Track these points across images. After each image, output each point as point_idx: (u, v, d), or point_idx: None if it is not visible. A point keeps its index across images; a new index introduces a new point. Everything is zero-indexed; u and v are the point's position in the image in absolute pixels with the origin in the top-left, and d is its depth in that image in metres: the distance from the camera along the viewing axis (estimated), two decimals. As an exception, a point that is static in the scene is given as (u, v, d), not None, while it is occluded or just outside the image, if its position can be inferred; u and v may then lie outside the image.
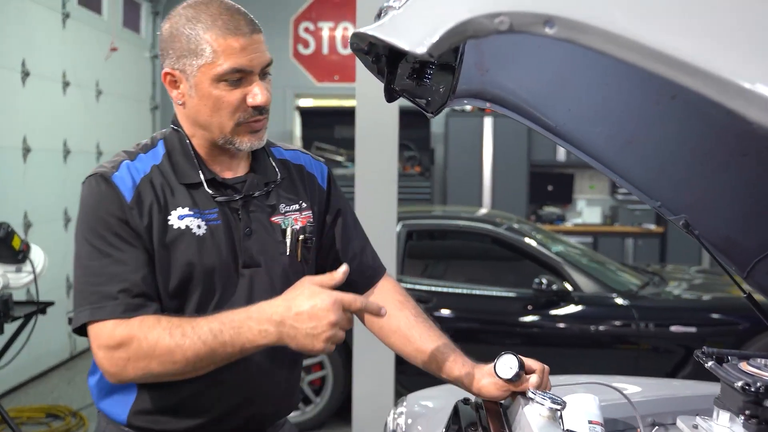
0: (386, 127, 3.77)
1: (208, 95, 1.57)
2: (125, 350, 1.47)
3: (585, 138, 1.99)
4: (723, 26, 0.92)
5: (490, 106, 1.89)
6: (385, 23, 1.17)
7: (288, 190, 1.74)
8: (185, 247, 1.57)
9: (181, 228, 1.57)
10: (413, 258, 5.18)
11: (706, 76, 0.88)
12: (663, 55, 0.90)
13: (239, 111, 1.58)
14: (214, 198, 1.62)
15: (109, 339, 1.48)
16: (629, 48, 0.92)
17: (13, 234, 3.59)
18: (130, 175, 1.58)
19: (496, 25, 0.97)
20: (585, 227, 8.19)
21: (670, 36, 0.91)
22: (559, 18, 0.94)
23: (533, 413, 1.51)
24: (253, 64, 1.56)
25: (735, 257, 2.14)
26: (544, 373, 1.66)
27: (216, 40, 1.54)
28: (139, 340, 1.46)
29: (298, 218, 1.72)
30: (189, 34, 1.56)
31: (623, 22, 0.94)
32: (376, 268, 1.90)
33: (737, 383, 1.38)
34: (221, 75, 1.54)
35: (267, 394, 1.69)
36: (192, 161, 1.64)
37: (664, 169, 2.02)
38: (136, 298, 1.51)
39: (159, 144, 1.67)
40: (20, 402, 5.12)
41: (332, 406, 4.72)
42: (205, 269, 1.58)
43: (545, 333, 4.56)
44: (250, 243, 1.64)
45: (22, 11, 5.55)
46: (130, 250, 1.53)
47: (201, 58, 1.55)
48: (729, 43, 0.90)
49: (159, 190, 1.58)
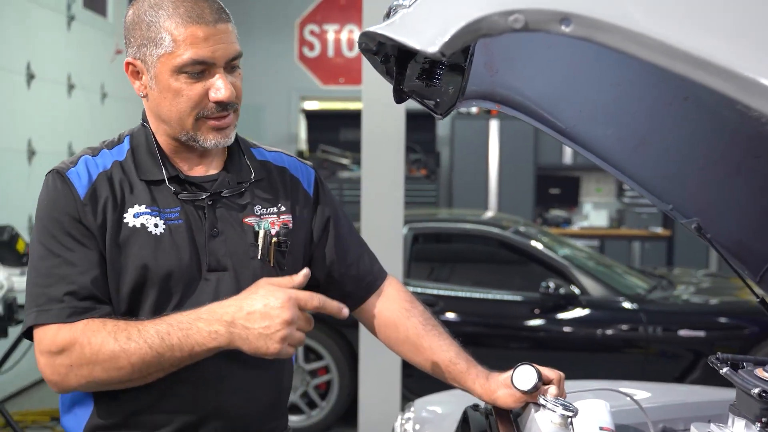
0: (392, 130, 3.75)
1: (167, 88, 1.48)
2: (67, 356, 1.40)
3: (595, 140, 1.96)
4: (743, 24, 0.89)
5: (499, 107, 1.86)
6: (396, 22, 1.15)
7: (266, 192, 1.64)
8: (139, 247, 1.48)
9: (136, 226, 1.49)
10: (419, 261, 5.15)
11: (727, 74, 0.85)
12: (684, 53, 0.88)
13: (200, 106, 1.49)
14: (177, 195, 1.54)
15: (51, 344, 1.41)
16: (648, 46, 0.90)
17: (18, 237, 3.59)
18: (87, 171, 1.51)
19: (510, 23, 0.95)
20: (591, 230, 8.15)
21: (690, 34, 0.89)
22: (577, 15, 0.92)
23: (544, 420, 1.49)
24: (216, 55, 1.47)
25: (748, 261, 2.11)
26: (561, 382, 1.63)
27: (176, 29, 1.45)
28: (82, 345, 1.39)
29: (275, 222, 1.61)
30: (150, 21, 1.47)
31: (643, 19, 0.91)
32: (376, 274, 1.79)
33: (754, 390, 1.36)
34: (181, 66, 1.45)
35: (237, 412, 1.56)
36: (155, 158, 1.56)
37: (676, 172, 1.99)
38: (84, 300, 1.44)
39: (125, 140, 1.61)
40: (24, 406, 5.11)
41: (338, 411, 4.70)
42: (160, 271, 1.49)
43: (552, 337, 4.54)
44: (216, 244, 1.54)
45: (26, 14, 5.54)
46: (80, 250, 1.46)
47: (160, 48, 1.46)
48: (751, 41, 0.87)
49: (117, 187, 1.51)
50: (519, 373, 1.58)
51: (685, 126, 1.84)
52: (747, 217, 2.06)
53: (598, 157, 1.99)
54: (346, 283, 1.74)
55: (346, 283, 1.74)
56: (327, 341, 4.67)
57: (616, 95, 1.82)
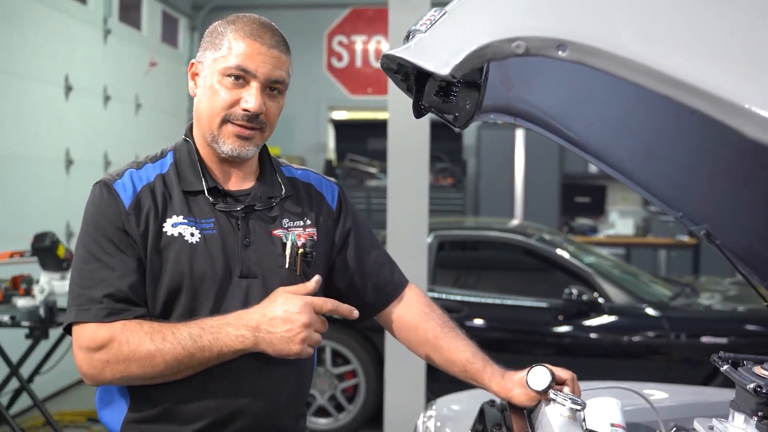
0: (417, 140, 3.86)
1: (210, 86, 1.63)
2: (105, 352, 1.52)
3: (607, 151, 2.05)
4: (722, 49, 0.99)
5: (515, 120, 1.97)
6: (412, 46, 1.26)
7: (293, 207, 1.76)
8: (176, 254, 1.60)
9: (174, 235, 1.61)
10: (445, 268, 5.24)
11: (705, 95, 0.96)
12: (666, 77, 0.98)
13: (230, 110, 1.62)
14: (214, 205, 1.66)
15: (90, 341, 1.53)
16: (636, 70, 1.00)
17: (58, 243, 3.73)
18: (131, 183, 1.63)
19: (513, 48, 1.06)
20: (617, 239, 8.18)
21: (672, 59, 0.99)
22: (571, 42, 1.03)
23: (555, 413, 1.58)
24: (258, 70, 1.61)
25: (757, 267, 2.18)
26: (574, 381, 1.73)
27: (236, 40, 1.62)
28: (120, 343, 1.51)
29: (301, 234, 1.73)
30: (220, 31, 1.65)
31: (630, 45, 1.02)
32: (396, 283, 1.91)
33: (749, 385, 1.44)
34: (226, 69, 1.61)
35: (261, 410, 1.66)
36: (197, 169, 1.68)
37: (685, 181, 2.08)
38: (120, 302, 1.55)
39: (168, 155, 1.72)
40: (62, 406, 5.27)
41: (365, 414, 4.81)
42: (195, 276, 1.60)
43: (576, 343, 4.58)
44: (248, 253, 1.66)
45: (65, 28, 5.74)
46: (120, 256, 1.58)
47: (217, 52, 1.63)
48: (727, 65, 0.97)
49: (159, 198, 1.63)
50: (533, 373, 1.68)
51: (692, 138, 1.92)
52: (756, 224, 2.14)
53: (609, 166, 2.09)
54: (367, 291, 1.87)
55: (367, 291, 1.87)
56: (354, 346, 4.78)
57: (625, 109, 1.92)
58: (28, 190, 5.30)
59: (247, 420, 1.65)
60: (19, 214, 5.12)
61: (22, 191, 5.23)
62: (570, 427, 1.55)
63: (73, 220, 5.73)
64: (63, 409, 5.17)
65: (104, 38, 6.36)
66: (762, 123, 0.92)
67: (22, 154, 5.24)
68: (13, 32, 5.11)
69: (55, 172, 5.65)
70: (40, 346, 4.00)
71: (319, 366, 4.82)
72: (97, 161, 6.22)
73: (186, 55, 8.41)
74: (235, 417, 1.63)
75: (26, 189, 5.27)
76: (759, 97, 0.93)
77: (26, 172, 5.27)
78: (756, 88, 0.94)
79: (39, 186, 5.42)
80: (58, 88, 5.67)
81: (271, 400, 1.68)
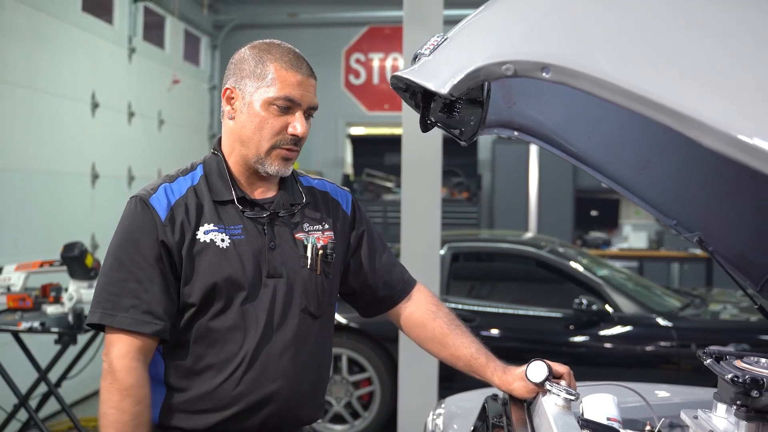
0: (430, 155, 4.01)
1: (257, 114, 1.78)
2: (109, 378, 1.72)
3: (605, 163, 2.19)
4: (684, 71, 1.14)
5: (517, 135, 2.11)
6: (417, 68, 1.41)
7: (312, 212, 1.93)
8: (209, 258, 1.76)
9: (206, 241, 1.77)
10: (459, 279, 5.37)
11: (669, 112, 1.10)
12: (635, 95, 1.12)
13: (278, 135, 1.79)
14: (243, 213, 1.82)
15: (112, 360, 1.72)
16: (611, 90, 1.15)
17: (86, 252, 3.90)
18: (166, 197, 1.79)
19: (503, 71, 1.21)
20: (630, 252, 8.28)
21: (641, 80, 1.13)
22: (553, 65, 1.17)
23: (550, 403, 1.72)
24: (302, 99, 1.79)
25: (749, 272, 2.30)
26: (570, 376, 1.87)
27: (279, 71, 1.78)
28: (114, 388, 1.70)
29: (320, 237, 1.90)
30: (258, 59, 1.80)
31: (606, 68, 1.16)
32: (406, 282, 2.07)
33: (727, 376, 1.57)
34: (274, 99, 1.77)
35: (286, 396, 1.81)
36: (226, 181, 1.84)
37: (678, 192, 2.21)
38: (144, 314, 1.72)
39: (198, 167, 1.88)
40: (87, 413, 5.43)
41: (380, 420, 4.93)
42: (226, 277, 1.76)
43: (586, 352, 4.68)
44: (274, 256, 1.82)
45: (92, 47, 5.95)
46: (149, 271, 1.74)
47: (261, 82, 1.78)
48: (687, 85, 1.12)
49: (191, 209, 1.79)
50: (532, 367, 1.82)
51: (684, 150, 2.05)
52: (747, 231, 2.26)
53: (607, 178, 2.23)
54: (379, 289, 2.03)
55: (380, 289, 2.03)
56: (370, 354, 4.92)
57: (621, 123, 2.06)
58: (57, 202, 5.49)
59: (275, 406, 1.80)
60: (48, 226, 5.31)
61: (51, 204, 5.42)
62: (563, 416, 1.68)
63: (99, 232, 5.92)
64: (87, 415, 5.33)
65: (129, 57, 6.57)
66: (716, 135, 1.06)
67: (51, 169, 5.44)
68: (43, 52, 5.32)
69: (82, 186, 5.85)
70: (68, 355, 4.16)
71: (335, 374, 4.97)
72: (121, 175, 6.41)
73: (207, 73, 8.62)
74: (265, 403, 1.78)
75: (55, 202, 5.47)
76: (714, 112, 1.07)
77: (55, 185, 5.47)
78: (712, 105, 1.08)
79: (67, 199, 5.61)
80: (85, 104, 5.87)
81: (295, 388, 1.83)
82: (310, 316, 1.85)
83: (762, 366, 1.64)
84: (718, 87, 1.11)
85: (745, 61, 1.11)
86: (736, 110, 1.07)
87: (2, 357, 4.04)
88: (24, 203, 5.15)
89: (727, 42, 1.13)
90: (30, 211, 5.20)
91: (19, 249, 4.94)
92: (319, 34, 8.91)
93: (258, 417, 1.79)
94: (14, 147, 5.06)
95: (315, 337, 1.87)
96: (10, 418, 4.23)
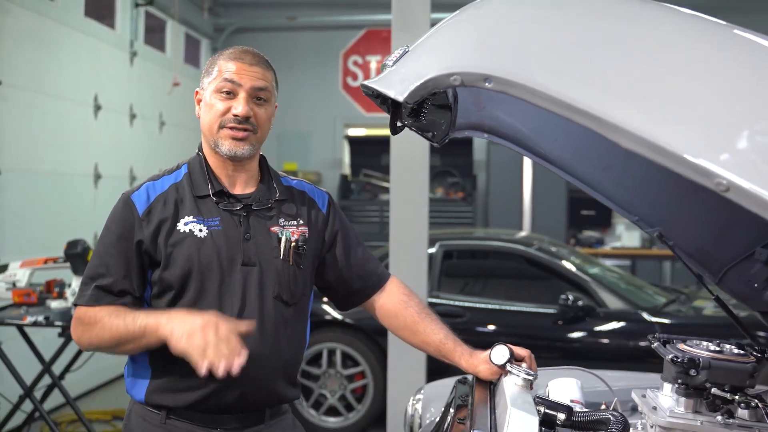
0: (418, 156, 4.17)
1: (207, 104, 2.01)
2: (85, 326, 1.92)
3: (570, 164, 2.33)
4: (604, 82, 1.30)
5: (487, 137, 2.26)
6: (381, 77, 1.58)
7: (288, 209, 2.09)
8: (186, 246, 1.94)
9: (185, 231, 1.95)
10: (450, 276, 5.52)
11: (591, 117, 1.26)
12: (563, 103, 1.28)
13: (223, 116, 1.98)
14: (218, 205, 1.99)
15: (81, 316, 1.93)
16: (542, 98, 1.30)
17: (89, 250, 4.05)
18: (147, 194, 1.99)
19: (451, 81, 1.37)
20: (623, 251, 8.41)
21: (568, 89, 1.29)
22: (494, 77, 1.33)
23: (510, 383, 1.87)
24: (242, 81, 1.97)
25: (708, 265, 2.43)
26: (531, 359, 2.02)
27: (223, 63, 2.00)
28: (89, 316, 1.91)
29: (294, 231, 2.06)
30: (212, 61, 2.04)
31: (539, 78, 1.32)
32: (379, 275, 2.22)
33: (668, 356, 1.72)
34: (217, 86, 1.98)
35: (260, 374, 1.96)
36: (205, 177, 2.03)
37: (639, 190, 2.35)
38: (108, 294, 1.93)
39: (183, 167, 2.08)
40: (89, 407, 5.59)
41: (373, 413, 5.10)
42: (202, 264, 1.94)
43: (572, 347, 4.83)
44: (248, 246, 1.98)
45: (95, 51, 6.12)
46: (118, 258, 1.94)
47: (210, 77, 2.01)
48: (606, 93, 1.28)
49: (170, 203, 1.98)
50: (495, 351, 1.97)
51: (641, 151, 2.20)
52: (706, 227, 2.39)
53: (574, 177, 2.36)
54: (354, 282, 2.19)
55: (354, 282, 2.19)
56: (363, 349, 5.08)
57: (583, 127, 2.20)
58: (60, 202, 5.67)
59: (249, 384, 1.95)
60: (52, 225, 5.49)
61: (55, 203, 5.60)
62: (522, 394, 1.82)
63: (101, 231, 6.06)
64: (91, 409, 5.49)
65: (131, 60, 6.74)
66: (630, 137, 1.22)
67: (55, 170, 5.61)
68: (47, 56, 5.49)
69: (85, 186, 6.02)
70: (71, 348, 4.32)
71: (329, 368, 5.13)
72: (123, 176, 6.58)
73: (208, 75, 8.78)
74: (240, 381, 1.89)
75: (58, 201, 5.65)
76: (627, 117, 1.23)
77: (58, 185, 5.65)
78: (626, 111, 1.24)
79: (70, 199, 5.79)
80: (88, 107, 6.04)
81: (269, 368, 1.99)
82: (283, 303, 2.01)
83: (702, 348, 1.79)
84: (634, 96, 1.27)
85: (656, 72, 1.27)
86: (647, 115, 1.23)
87: (8, 351, 4.20)
88: (29, 203, 5.33)
89: (640, 56, 1.29)
90: (34, 211, 5.38)
91: (24, 246, 5.13)
92: (318, 36, 9.07)
93: (233, 393, 1.94)
94: (19, 148, 5.23)
95: (289, 323, 2.03)
96: (15, 409, 4.39)
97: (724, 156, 1.19)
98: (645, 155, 1.21)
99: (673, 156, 1.19)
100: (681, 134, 1.21)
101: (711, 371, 1.68)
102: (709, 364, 1.69)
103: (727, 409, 1.68)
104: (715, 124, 1.22)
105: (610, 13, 1.42)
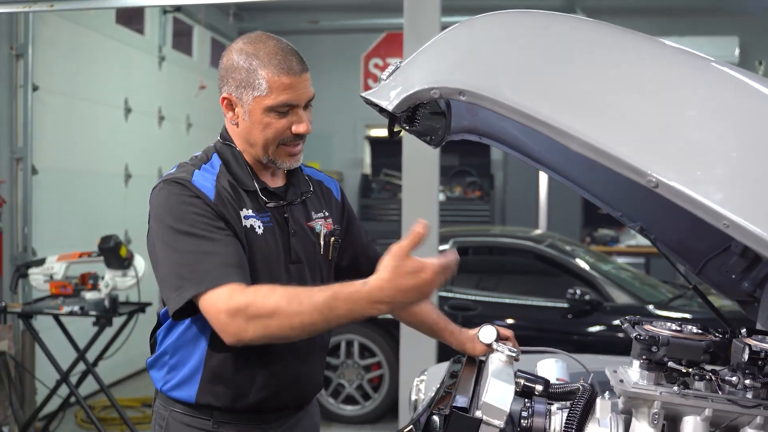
0: (429, 153, 4.39)
1: (259, 121, 1.85)
2: (244, 314, 1.63)
3: (558, 164, 2.53)
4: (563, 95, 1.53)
5: (480, 139, 2.48)
6: (377, 89, 1.81)
7: (315, 201, 2.06)
8: (250, 242, 1.84)
9: (247, 226, 1.85)
10: (463, 272, 5.72)
11: (546, 126, 1.49)
12: (525, 114, 1.51)
13: (282, 136, 1.87)
14: (266, 203, 1.91)
15: (228, 304, 1.64)
16: (508, 110, 1.53)
17: (121, 244, 4.34)
18: (204, 179, 1.83)
19: (431, 94, 1.60)
20: (637, 248, 8.55)
21: (529, 102, 1.52)
22: (467, 90, 1.56)
23: (495, 359, 2.09)
24: (300, 99, 1.85)
25: (688, 257, 2.62)
26: (513, 339, 2.25)
27: (271, 78, 1.81)
28: (257, 306, 1.62)
29: (323, 224, 2.03)
30: (247, 68, 1.83)
31: (506, 93, 1.55)
32: None
33: (633, 334, 1.94)
34: (272, 107, 1.83)
35: (308, 374, 1.99)
36: (247, 172, 1.92)
37: (622, 187, 2.53)
38: (230, 268, 1.70)
39: (214, 156, 1.93)
40: (121, 394, 5.87)
41: (389, 401, 5.33)
42: (258, 262, 1.84)
43: (580, 339, 5.04)
44: (294, 242, 1.94)
45: (126, 57, 6.43)
46: (220, 233, 1.75)
47: (257, 91, 1.82)
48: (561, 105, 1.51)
49: (231, 193, 1.84)
50: (483, 330, 2.19)
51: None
52: (684, 221, 2.56)
53: (561, 176, 2.57)
54: (361, 265, 2.29)
55: (362, 265, 2.29)
56: (379, 340, 5.32)
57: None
58: (93, 200, 5.98)
59: (303, 379, 1.98)
60: (85, 221, 5.80)
61: (88, 201, 5.92)
62: (504, 369, 2.04)
63: (131, 228, 6.36)
64: (119, 397, 5.77)
65: (159, 64, 7.03)
66: (578, 142, 1.45)
67: (88, 169, 5.92)
68: (80, 62, 5.80)
69: (116, 185, 6.33)
70: (104, 336, 4.60)
71: (347, 358, 5.38)
72: (152, 175, 6.86)
73: (233, 78, 9.04)
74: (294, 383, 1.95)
75: (91, 199, 5.96)
76: (576, 125, 1.46)
77: (91, 184, 5.97)
78: (576, 120, 1.47)
79: (102, 197, 6.10)
80: (119, 110, 6.34)
81: (317, 359, 2.04)
82: None
83: (664, 328, 2.00)
84: (584, 108, 1.50)
85: (602, 87, 1.50)
86: (593, 123, 1.46)
87: (45, 339, 4.49)
88: (63, 200, 5.64)
89: (590, 73, 1.52)
90: (69, 208, 5.69)
91: (60, 241, 5.41)
92: (339, 40, 9.31)
93: (291, 390, 1.95)
94: (55, 149, 5.54)
95: None
96: (51, 393, 4.68)
97: (654, 157, 1.41)
98: (591, 157, 1.43)
99: (612, 157, 1.42)
100: (619, 139, 1.44)
101: (669, 347, 1.88)
102: (668, 342, 1.89)
103: (683, 381, 1.89)
104: (649, 131, 1.45)
105: (571, 37, 1.64)
